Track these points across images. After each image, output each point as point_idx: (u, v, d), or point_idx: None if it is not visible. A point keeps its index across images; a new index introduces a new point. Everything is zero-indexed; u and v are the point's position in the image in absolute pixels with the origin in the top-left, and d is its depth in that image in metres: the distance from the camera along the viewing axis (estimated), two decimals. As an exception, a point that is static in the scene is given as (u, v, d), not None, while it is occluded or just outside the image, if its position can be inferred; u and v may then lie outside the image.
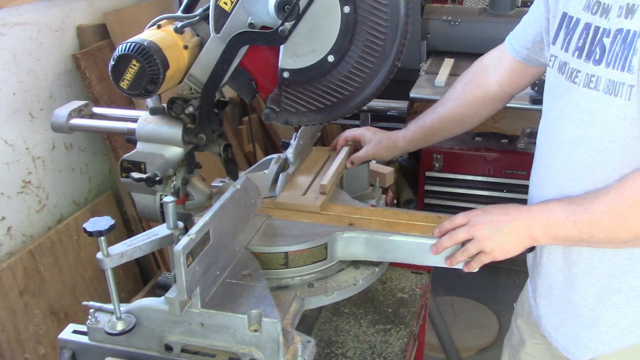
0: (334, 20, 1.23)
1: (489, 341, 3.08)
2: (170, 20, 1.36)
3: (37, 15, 2.14)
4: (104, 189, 2.51)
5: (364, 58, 1.26)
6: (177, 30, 1.33)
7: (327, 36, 1.25)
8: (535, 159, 1.43)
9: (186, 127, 1.36)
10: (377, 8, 1.21)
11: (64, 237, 2.23)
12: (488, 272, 1.78)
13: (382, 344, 1.52)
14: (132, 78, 1.25)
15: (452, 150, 3.32)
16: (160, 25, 1.34)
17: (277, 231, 1.40)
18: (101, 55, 2.36)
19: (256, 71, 1.36)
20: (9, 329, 1.97)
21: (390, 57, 1.25)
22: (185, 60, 1.33)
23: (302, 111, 1.33)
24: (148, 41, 1.25)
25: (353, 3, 1.21)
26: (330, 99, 1.31)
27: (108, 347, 1.21)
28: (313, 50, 1.26)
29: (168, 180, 1.44)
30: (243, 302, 1.17)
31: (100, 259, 1.12)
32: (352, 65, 1.27)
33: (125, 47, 1.24)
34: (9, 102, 2.06)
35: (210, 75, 1.32)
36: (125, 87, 1.27)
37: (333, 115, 1.33)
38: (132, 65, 1.24)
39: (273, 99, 1.33)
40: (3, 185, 2.05)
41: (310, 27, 1.25)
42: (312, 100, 1.31)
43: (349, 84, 1.29)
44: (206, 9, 1.33)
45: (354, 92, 1.30)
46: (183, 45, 1.32)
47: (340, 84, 1.29)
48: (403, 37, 1.23)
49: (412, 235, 1.37)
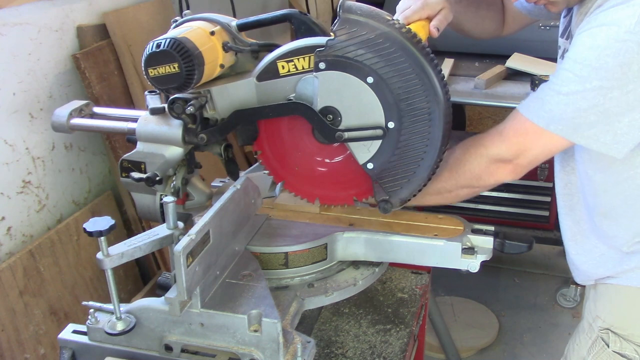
0: (367, 94, 1.24)
1: (489, 341, 3.08)
2: (223, 29, 1.35)
3: (37, 15, 2.14)
4: (104, 189, 2.51)
5: (417, 108, 1.25)
6: (224, 48, 1.32)
7: (375, 111, 1.25)
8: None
9: (187, 127, 1.36)
10: (396, 65, 1.21)
11: (64, 237, 2.23)
12: (488, 272, 1.78)
13: (382, 344, 1.52)
14: (164, 74, 1.24)
15: (452, 150, 3.31)
16: (215, 33, 1.32)
17: (277, 231, 1.40)
18: (101, 55, 2.36)
19: (265, 131, 1.38)
20: (8, 329, 1.97)
21: (439, 98, 1.24)
22: (213, 76, 1.33)
23: (405, 183, 1.32)
24: (198, 52, 1.24)
25: (373, 72, 1.22)
26: (417, 154, 1.29)
27: (108, 347, 1.21)
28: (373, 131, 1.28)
29: (168, 180, 1.44)
30: (243, 302, 1.17)
31: (100, 259, 1.12)
32: (412, 120, 1.27)
33: (174, 45, 1.22)
34: (8, 102, 2.06)
35: (240, 112, 1.33)
36: (152, 76, 1.26)
37: (431, 164, 1.30)
38: (171, 66, 1.23)
39: (378, 193, 1.33)
40: (3, 185, 2.05)
41: (357, 114, 1.26)
42: (406, 168, 1.30)
43: (422, 134, 1.28)
44: (261, 46, 1.36)
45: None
46: (220, 64, 1.32)
47: (416, 139, 1.28)
48: (440, 77, 1.23)
49: (412, 235, 1.37)
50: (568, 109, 1.24)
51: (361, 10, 1.22)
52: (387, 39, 1.20)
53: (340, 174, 1.39)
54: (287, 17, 1.36)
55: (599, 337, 1.49)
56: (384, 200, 1.34)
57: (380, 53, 1.21)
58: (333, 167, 1.40)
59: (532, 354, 3.03)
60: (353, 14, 1.21)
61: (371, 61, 1.22)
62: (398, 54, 1.21)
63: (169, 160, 1.39)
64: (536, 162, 1.35)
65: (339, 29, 1.21)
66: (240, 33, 1.38)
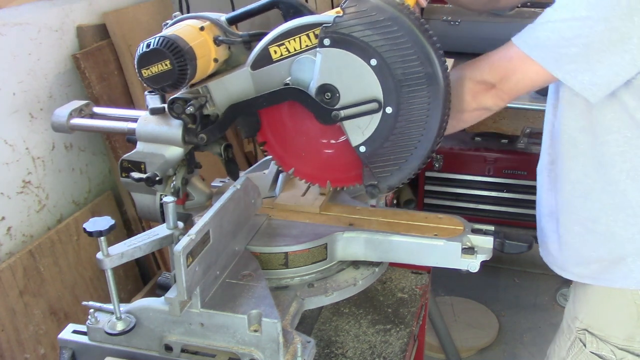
0: (369, 76, 1.23)
1: (489, 341, 3.08)
2: (213, 24, 1.35)
3: (37, 15, 2.14)
4: (104, 189, 2.51)
5: (417, 96, 1.25)
6: (215, 42, 1.32)
7: (374, 92, 1.25)
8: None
9: (187, 127, 1.36)
10: (402, 50, 1.20)
11: (64, 237, 2.23)
12: (488, 272, 1.78)
13: (382, 344, 1.52)
14: (157, 73, 1.25)
15: (452, 151, 3.32)
16: (204, 28, 1.32)
17: (277, 231, 1.40)
18: (101, 55, 2.36)
19: (266, 120, 1.37)
20: (8, 329, 1.97)
21: (440, 88, 1.23)
22: (208, 72, 1.33)
23: (395, 170, 1.31)
24: (188, 47, 1.24)
25: (377, 54, 1.21)
26: (411, 143, 1.29)
27: (108, 347, 1.21)
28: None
29: (168, 180, 1.44)
30: (243, 302, 1.17)
31: (100, 259, 1.12)
32: (411, 107, 1.26)
33: (164, 43, 1.23)
34: (8, 102, 2.06)
35: (235, 105, 1.33)
36: (146, 76, 1.26)
37: (424, 154, 1.29)
38: (163, 63, 1.23)
39: (367, 177, 1.33)
40: (3, 185, 2.05)
41: (356, 94, 1.25)
42: (398, 155, 1.30)
43: (419, 122, 1.27)
44: (252, 36, 1.34)
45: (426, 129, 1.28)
46: (214, 58, 1.32)
47: (412, 127, 1.27)
48: (444, 68, 1.23)
49: (412, 235, 1.37)
50: (553, 36, 1.25)
51: None
52: (396, 22, 1.19)
53: (348, 153, 1.36)
54: (274, 4, 1.35)
55: (577, 337, 1.50)
56: (372, 185, 1.33)
57: (387, 36, 1.20)
58: (339, 147, 1.39)
59: (532, 354, 3.03)
60: None
61: (377, 43, 1.20)
62: (405, 39, 1.20)
63: (169, 160, 1.39)
64: (517, 90, 1.35)
65: (349, 6, 1.20)
66: (232, 27, 1.38)
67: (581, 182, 1.42)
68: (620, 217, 1.39)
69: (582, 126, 1.37)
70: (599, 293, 1.47)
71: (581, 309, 1.52)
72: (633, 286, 1.42)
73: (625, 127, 1.32)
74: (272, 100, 1.31)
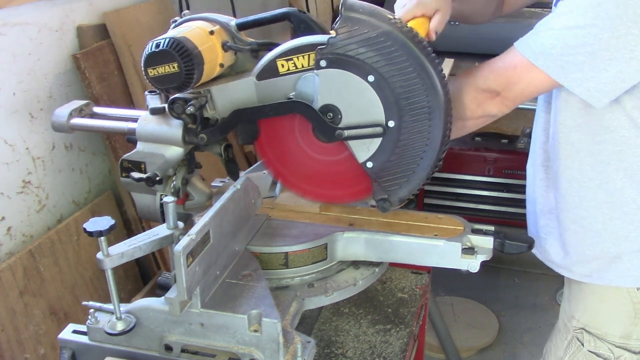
0: (368, 92, 1.24)
1: (489, 341, 3.08)
2: (222, 28, 1.35)
3: (37, 15, 2.14)
4: (104, 189, 2.51)
5: (417, 107, 1.25)
6: (224, 47, 1.32)
7: (375, 109, 1.25)
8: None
9: (187, 127, 1.36)
10: (397, 64, 1.21)
11: (64, 237, 2.23)
12: (488, 272, 1.78)
13: (382, 344, 1.52)
14: (163, 74, 1.24)
15: (452, 151, 3.31)
16: (214, 32, 1.32)
17: (277, 231, 1.40)
18: (101, 55, 2.36)
19: (264, 129, 1.37)
20: (8, 329, 1.97)
21: (439, 97, 1.23)
22: (213, 75, 1.33)
23: (404, 182, 1.31)
24: (197, 51, 1.24)
25: (374, 70, 1.22)
26: (417, 154, 1.29)
27: (108, 347, 1.21)
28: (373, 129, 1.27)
29: (168, 180, 1.44)
30: (243, 302, 1.17)
31: (100, 259, 1.12)
32: (412, 118, 1.26)
33: (174, 45, 1.22)
34: (8, 102, 2.05)
35: (240, 111, 1.33)
36: (151, 76, 1.26)
37: (430, 164, 1.30)
38: (170, 65, 1.23)
39: (377, 192, 1.33)
40: (3, 185, 2.05)
41: (357, 112, 1.26)
42: (405, 167, 1.30)
43: (422, 133, 1.27)
44: (260, 45, 1.35)
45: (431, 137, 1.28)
46: (220, 63, 1.32)
47: (415, 138, 1.27)
48: (441, 77, 1.23)
49: (412, 235, 1.37)
50: (557, 43, 1.25)
51: (363, 8, 1.22)
52: (389, 37, 1.20)
53: (346, 171, 1.37)
54: (286, 16, 1.36)
55: (574, 337, 1.50)
56: (383, 199, 1.33)
57: (382, 52, 1.21)
58: (335, 166, 1.39)
59: (532, 354, 3.03)
60: (355, 12, 1.21)
61: (372, 60, 1.21)
62: (399, 52, 1.21)
63: (169, 160, 1.39)
64: (522, 97, 1.35)
65: (341, 26, 1.21)
66: (240, 32, 1.38)
67: (577, 180, 1.42)
68: (616, 215, 1.39)
69: (579, 124, 1.38)
70: (595, 291, 1.48)
71: (577, 308, 1.52)
72: (629, 284, 1.43)
73: (622, 126, 1.32)
74: (278, 111, 1.31)
